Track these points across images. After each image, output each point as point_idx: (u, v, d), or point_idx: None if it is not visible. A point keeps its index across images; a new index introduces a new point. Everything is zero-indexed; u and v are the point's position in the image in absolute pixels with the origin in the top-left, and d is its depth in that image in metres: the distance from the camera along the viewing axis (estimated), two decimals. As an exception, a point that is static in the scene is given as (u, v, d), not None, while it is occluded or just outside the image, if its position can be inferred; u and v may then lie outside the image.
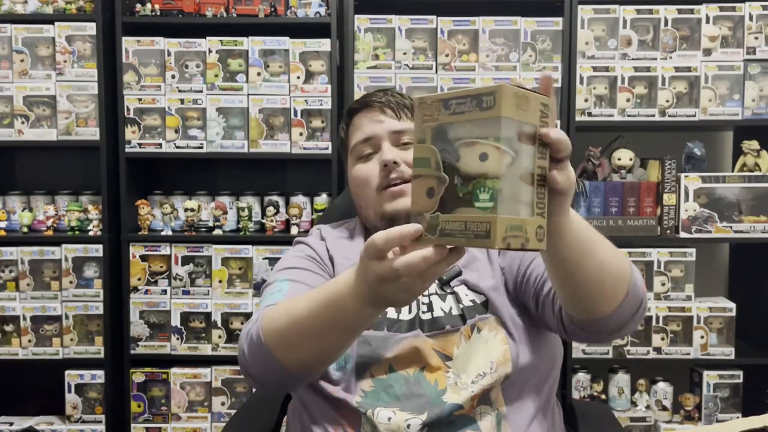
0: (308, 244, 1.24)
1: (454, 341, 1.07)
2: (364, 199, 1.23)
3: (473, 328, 1.08)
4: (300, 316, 0.92)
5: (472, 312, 1.10)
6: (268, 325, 0.96)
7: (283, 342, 0.94)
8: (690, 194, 2.36)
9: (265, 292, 1.12)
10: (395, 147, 1.21)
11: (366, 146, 1.23)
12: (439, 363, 1.06)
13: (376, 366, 1.07)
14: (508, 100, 0.69)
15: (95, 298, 2.41)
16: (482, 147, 0.69)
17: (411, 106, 1.24)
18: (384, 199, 1.19)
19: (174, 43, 2.40)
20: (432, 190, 0.73)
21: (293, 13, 2.40)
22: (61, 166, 2.70)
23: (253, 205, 2.48)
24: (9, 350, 2.42)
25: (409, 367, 1.06)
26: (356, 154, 1.24)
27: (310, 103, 2.39)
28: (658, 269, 2.37)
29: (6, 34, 2.40)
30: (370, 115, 1.24)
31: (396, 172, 1.18)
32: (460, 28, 2.40)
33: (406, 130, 1.22)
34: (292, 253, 1.23)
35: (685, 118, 2.39)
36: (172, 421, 2.44)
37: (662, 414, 2.40)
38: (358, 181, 1.23)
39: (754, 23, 2.37)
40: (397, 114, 1.23)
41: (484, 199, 0.69)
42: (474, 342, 1.07)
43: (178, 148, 2.41)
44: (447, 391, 1.04)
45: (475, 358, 1.06)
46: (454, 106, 0.72)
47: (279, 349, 0.94)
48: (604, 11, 2.38)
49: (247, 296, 2.42)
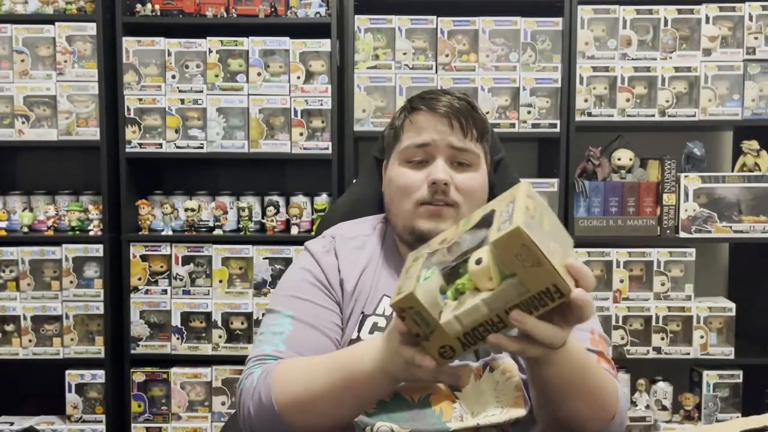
0: (318, 260, 1.14)
1: (465, 373, 1.02)
2: (397, 207, 1.14)
3: (485, 367, 1.03)
4: (317, 388, 0.92)
5: (487, 350, 1.03)
6: (281, 389, 0.94)
7: (296, 409, 0.93)
8: (690, 194, 2.36)
9: (265, 324, 1.09)
10: (449, 164, 1.11)
11: (419, 152, 1.12)
12: (447, 392, 1.02)
13: None
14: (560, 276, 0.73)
15: (95, 298, 2.41)
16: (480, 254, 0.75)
17: (481, 123, 1.15)
18: (419, 215, 1.10)
19: (174, 43, 2.40)
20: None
21: (293, 13, 2.41)
22: (62, 166, 2.70)
23: (253, 205, 2.48)
24: (9, 350, 2.42)
25: (414, 393, 1.03)
26: (405, 156, 1.13)
27: (310, 103, 2.39)
28: (657, 269, 2.37)
29: (6, 34, 2.40)
30: (435, 119, 1.11)
31: (442, 193, 1.09)
32: (460, 28, 2.40)
33: (467, 150, 1.11)
34: (299, 272, 1.14)
35: (685, 118, 2.39)
36: (173, 421, 2.44)
37: (662, 414, 2.40)
38: (399, 186, 1.13)
39: (754, 23, 2.37)
40: (465, 130, 1.11)
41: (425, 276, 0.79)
42: (484, 381, 1.02)
43: (179, 148, 2.41)
44: (451, 422, 1.00)
45: (483, 398, 1.02)
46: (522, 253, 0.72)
47: (291, 415, 0.94)
48: (604, 11, 2.38)
49: (248, 296, 2.42)
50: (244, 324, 2.42)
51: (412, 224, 1.11)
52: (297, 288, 1.12)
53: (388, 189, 1.17)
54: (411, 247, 1.09)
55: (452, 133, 1.11)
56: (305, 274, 1.13)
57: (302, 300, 1.10)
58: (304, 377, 0.94)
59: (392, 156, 1.17)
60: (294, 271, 1.16)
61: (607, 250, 2.39)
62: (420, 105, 1.14)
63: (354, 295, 1.11)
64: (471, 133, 1.12)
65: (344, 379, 0.89)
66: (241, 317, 2.42)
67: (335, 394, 0.90)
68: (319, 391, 0.91)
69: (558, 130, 2.38)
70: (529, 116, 2.40)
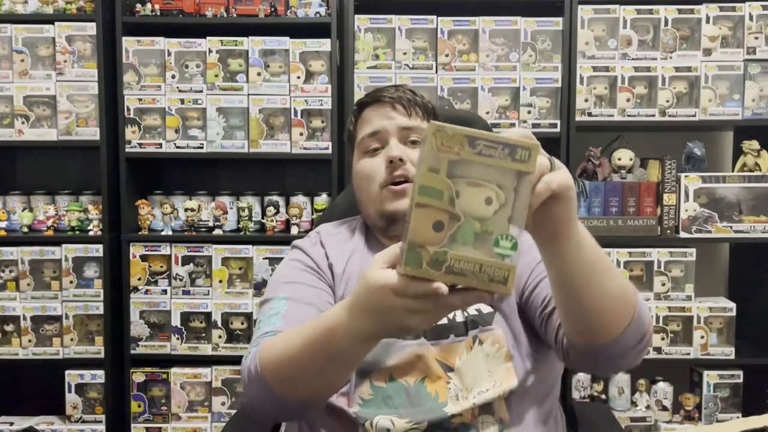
0: (306, 251, 1.20)
1: (457, 351, 1.06)
2: (366, 195, 1.21)
3: (475, 340, 1.07)
4: (295, 354, 0.90)
5: (476, 322, 1.08)
6: (266, 359, 0.94)
7: (279, 379, 0.93)
8: (690, 194, 2.36)
9: (263, 312, 1.10)
10: (403, 144, 1.19)
11: (373, 140, 1.21)
12: (440, 373, 1.05)
13: (376, 373, 1.05)
14: (537, 159, 0.72)
15: (95, 298, 2.41)
16: (489, 191, 0.71)
17: (423, 104, 1.23)
18: (385, 198, 1.17)
19: (174, 43, 2.40)
20: (440, 224, 0.71)
21: (293, 13, 2.40)
22: (61, 166, 2.70)
23: (253, 205, 2.48)
24: (9, 350, 2.42)
25: (409, 376, 1.05)
26: (363, 148, 1.22)
27: (310, 103, 2.39)
28: (658, 269, 2.37)
29: (6, 34, 2.40)
30: (380, 110, 1.22)
31: (401, 169, 1.16)
32: (460, 28, 2.40)
33: (416, 128, 1.20)
34: (289, 263, 1.19)
35: (685, 118, 2.39)
36: (172, 421, 2.44)
37: (662, 414, 2.40)
38: (362, 175, 1.22)
39: (754, 23, 2.37)
40: (408, 111, 1.21)
41: (505, 246, 0.71)
42: (475, 354, 1.05)
43: (179, 148, 2.41)
44: (447, 404, 1.02)
45: (476, 372, 1.04)
46: (482, 147, 0.71)
47: (277, 385, 0.93)
48: (604, 11, 2.38)
49: (247, 296, 2.42)
50: (243, 324, 2.42)
51: (382, 208, 1.18)
52: (289, 275, 1.16)
53: (356, 182, 1.25)
54: (386, 232, 1.20)
55: (398, 116, 1.21)
56: (295, 263, 1.18)
57: (295, 283, 1.13)
58: (284, 342, 0.93)
59: (354, 154, 1.27)
60: (283, 264, 1.21)
61: (608, 250, 2.38)
62: (364, 100, 1.26)
63: (343, 278, 1.15)
64: (415, 112, 1.21)
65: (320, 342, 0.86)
66: (241, 317, 2.42)
67: (314, 360, 0.88)
68: (296, 359, 0.90)
69: (558, 130, 2.38)
70: (529, 116, 2.39)
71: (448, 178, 0.72)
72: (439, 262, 0.71)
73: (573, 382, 2.39)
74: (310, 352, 0.88)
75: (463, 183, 0.71)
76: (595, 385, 2.43)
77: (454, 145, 0.71)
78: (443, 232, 0.71)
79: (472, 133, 0.72)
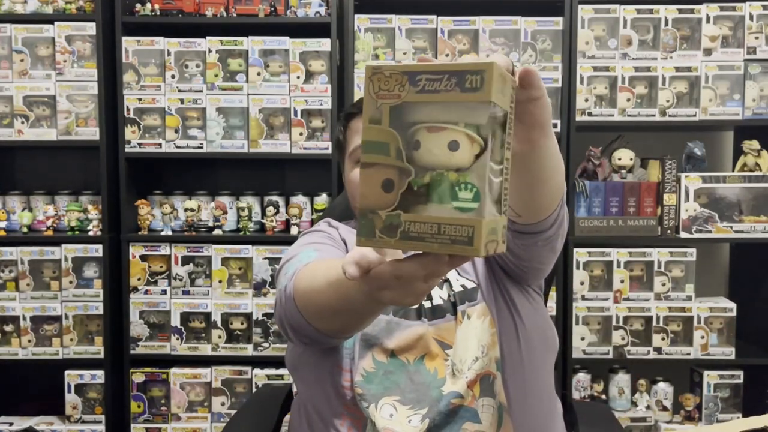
0: (320, 229, 1.25)
1: (451, 329, 1.10)
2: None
3: (463, 315, 1.10)
4: (317, 291, 0.92)
5: (462, 298, 1.12)
6: (298, 286, 0.97)
7: (307, 309, 0.96)
8: (690, 194, 2.36)
9: (290, 263, 1.09)
10: None
11: None
12: (438, 351, 1.08)
13: (378, 348, 1.08)
14: (495, 82, 0.59)
15: (95, 298, 2.41)
16: (452, 134, 0.60)
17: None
18: None
19: (174, 43, 2.40)
20: (390, 182, 0.61)
21: (293, 13, 2.40)
22: (61, 166, 2.70)
23: (253, 205, 2.48)
24: (9, 350, 2.42)
25: (409, 354, 1.08)
26: (355, 158, 1.24)
27: (310, 103, 2.39)
28: (658, 269, 2.37)
29: (6, 34, 2.39)
30: None
31: None
32: (460, 28, 2.40)
33: None
34: (305, 238, 1.21)
35: (686, 118, 2.39)
36: (172, 422, 2.43)
37: (662, 414, 2.40)
38: (356, 185, 1.23)
39: (755, 23, 2.37)
40: None
41: (464, 198, 0.59)
42: (465, 328, 1.09)
43: (178, 148, 2.41)
44: (446, 381, 1.05)
45: (467, 343, 1.08)
46: (424, 82, 0.60)
47: (306, 313, 0.96)
48: (605, 11, 2.38)
49: (247, 296, 2.42)
50: (243, 324, 2.42)
51: None
52: (310, 239, 1.19)
53: (350, 191, 1.27)
54: None
55: None
56: (312, 237, 1.21)
57: (319, 243, 1.16)
58: (312, 274, 0.95)
59: (345, 164, 1.28)
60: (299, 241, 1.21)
61: (608, 250, 2.38)
62: (352, 110, 1.27)
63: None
64: None
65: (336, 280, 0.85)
66: (241, 317, 2.42)
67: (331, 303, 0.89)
68: (317, 288, 0.91)
69: (558, 130, 2.38)
70: (529, 116, 2.39)
71: (393, 128, 0.61)
72: (393, 226, 0.61)
73: (573, 383, 2.39)
74: (328, 294, 0.89)
75: (423, 130, 0.61)
76: (595, 385, 2.43)
77: (393, 87, 0.61)
78: (394, 191, 0.61)
79: (413, 68, 0.60)
